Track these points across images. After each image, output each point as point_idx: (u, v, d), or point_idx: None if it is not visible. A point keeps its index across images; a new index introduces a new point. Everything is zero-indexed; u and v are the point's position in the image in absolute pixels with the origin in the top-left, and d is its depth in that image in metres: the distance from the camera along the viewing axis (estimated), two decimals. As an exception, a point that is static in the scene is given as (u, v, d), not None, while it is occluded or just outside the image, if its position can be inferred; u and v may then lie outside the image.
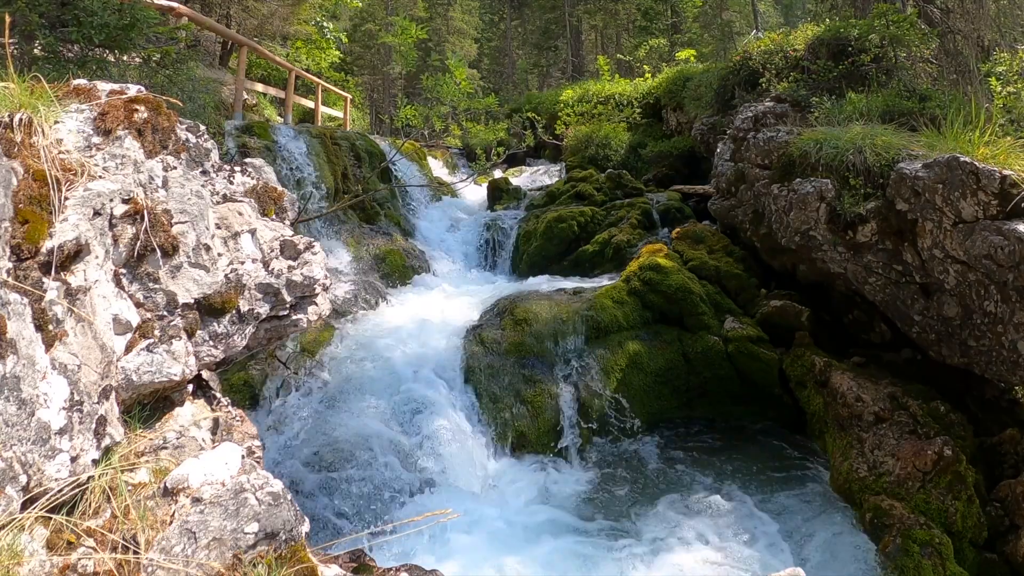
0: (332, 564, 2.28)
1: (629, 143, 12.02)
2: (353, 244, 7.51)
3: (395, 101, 15.23)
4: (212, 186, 2.86)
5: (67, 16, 4.33)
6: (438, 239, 9.09)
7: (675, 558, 3.90)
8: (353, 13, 23.93)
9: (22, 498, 1.65)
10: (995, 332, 4.05)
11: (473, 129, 10.36)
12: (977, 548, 3.83)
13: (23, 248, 1.87)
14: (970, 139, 4.42)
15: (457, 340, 5.64)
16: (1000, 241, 3.84)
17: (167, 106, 2.73)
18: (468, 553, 3.85)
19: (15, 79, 2.20)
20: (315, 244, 3.11)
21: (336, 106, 16.21)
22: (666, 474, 4.88)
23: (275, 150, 7.57)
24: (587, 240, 8.20)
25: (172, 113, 2.75)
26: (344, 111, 15.39)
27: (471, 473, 4.65)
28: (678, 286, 6.01)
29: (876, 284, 4.87)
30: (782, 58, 7.82)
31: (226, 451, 2.07)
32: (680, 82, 12.07)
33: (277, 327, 2.95)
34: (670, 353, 5.73)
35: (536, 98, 17.83)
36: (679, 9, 22.17)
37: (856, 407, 4.62)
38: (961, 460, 4.02)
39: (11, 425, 1.64)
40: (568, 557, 3.90)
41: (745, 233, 6.59)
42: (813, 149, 5.32)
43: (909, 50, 7.04)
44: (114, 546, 1.74)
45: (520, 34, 32.37)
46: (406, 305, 6.68)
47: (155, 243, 2.30)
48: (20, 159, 1.98)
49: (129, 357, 2.20)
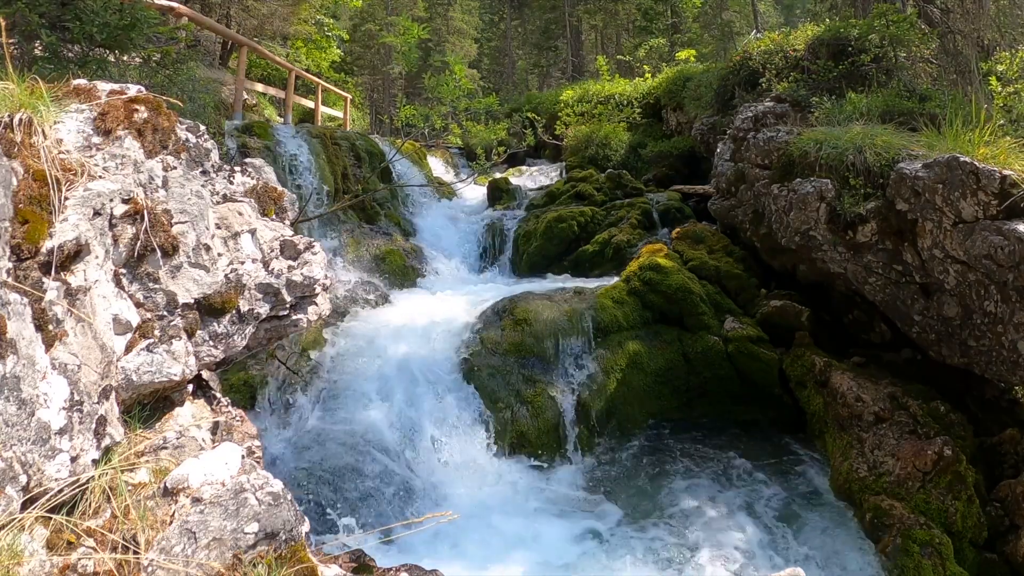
0: (332, 564, 2.28)
1: (629, 143, 12.02)
2: (353, 244, 7.51)
3: (395, 101, 15.23)
4: (212, 186, 2.86)
5: (68, 16, 4.33)
6: (438, 239, 9.08)
7: (675, 558, 3.90)
8: (353, 13, 23.96)
9: (22, 498, 1.65)
10: (995, 332, 4.05)
11: (473, 129, 10.35)
12: (977, 548, 3.83)
13: (23, 248, 1.87)
14: (970, 139, 4.42)
15: (457, 340, 5.64)
16: (1000, 241, 3.84)
17: (167, 106, 2.74)
18: (468, 553, 3.85)
19: (15, 79, 2.20)
20: (315, 244, 3.11)
21: (336, 106, 16.22)
22: (666, 474, 4.87)
23: (275, 150, 7.57)
24: (587, 240, 8.20)
25: (172, 113, 2.75)
26: (344, 111, 15.39)
27: (471, 472, 4.65)
28: (678, 286, 6.01)
29: (876, 284, 4.87)
30: (782, 58, 7.82)
31: (226, 451, 2.07)
32: (680, 82, 12.07)
33: (277, 327, 2.95)
34: (670, 353, 5.73)
35: (536, 98, 17.82)
36: (679, 9, 22.17)
37: (856, 407, 4.62)
38: (961, 460, 4.02)
39: (11, 425, 1.64)
40: (567, 556, 3.90)
41: (745, 233, 6.59)
42: (813, 149, 5.32)
43: (909, 50, 7.04)
44: (114, 546, 1.74)
45: (520, 34, 32.37)
46: (406, 305, 6.68)
47: (155, 243, 2.30)
48: (20, 159, 1.98)
49: (129, 357, 2.20)
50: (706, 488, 4.65)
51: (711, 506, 4.39)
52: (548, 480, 4.76)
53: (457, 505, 4.23)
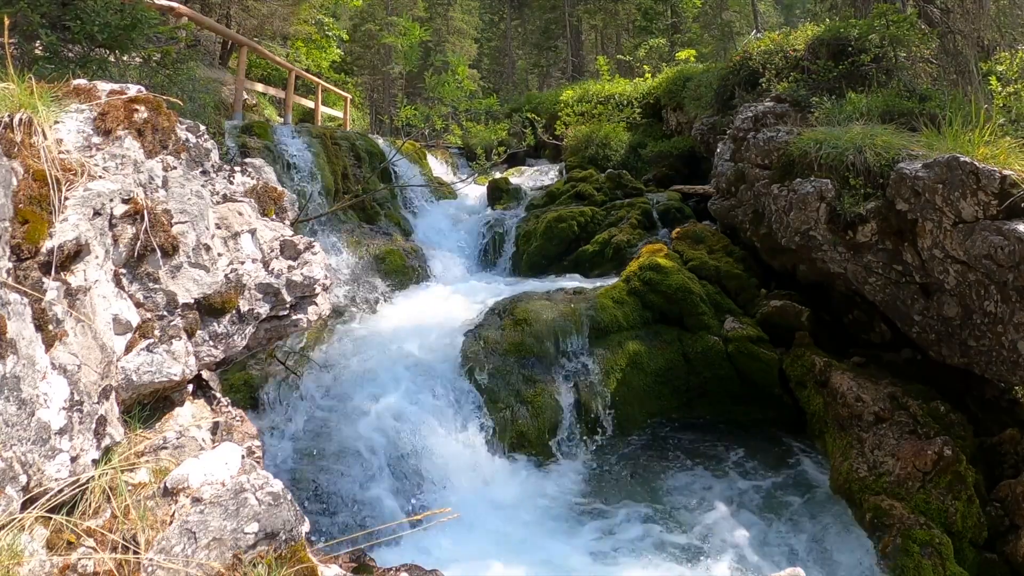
0: (332, 564, 2.28)
1: (629, 143, 12.01)
2: (353, 244, 7.51)
3: (395, 101, 15.23)
4: (212, 186, 2.86)
5: (68, 16, 4.33)
6: (438, 239, 9.08)
7: (674, 558, 3.90)
8: (353, 13, 23.94)
9: (22, 498, 1.65)
10: (995, 332, 4.05)
11: (473, 129, 10.36)
12: (977, 548, 3.83)
13: (23, 248, 1.87)
14: (970, 139, 4.42)
15: (457, 340, 5.64)
16: (1000, 241, 3.84)
17: (167, 106, 2.74)
18: (468, 553, 3.85)
19: (15, 79, 2.20)
20: (315, 244, 3.11)
21: (336, 106, 16.21)
22: (665, 474, 4.88)
23: (275, 150, 7.57)
24: (587, 240, 8.20)
25: (172, 113, 2.75)
26: (344, 111, 15.39)
27: (471, 472, 4.65)
28: (678, 286, 6.01)
29: (876, 284, 4.87)
30: (782, 58, 7.82)
31: (226, 451, 2.07)
32: (680, 82, 12.06)
33: (277, 327, 2.95)
34: (670, 353, 5.73)
35: (536, 98, 17.81)
36: (679, 9, 22.17)
37: (856, 407, 4.62)
38: (961, 460, 4.02)
39: (11, 425, 1.64)
40: (568, 556, 3.90)
41: (745, 233, 6.59)
42: (813, 149, 5.32)
43: (909, 50, 7.03)
44: (114, 546, 1.74)
45: (520, 34, 32.36)
46: (406, 305, 6.68)
47: (155, 243, 2.30)
48: (20, 159, 1.98)
49: (129, 357, 2.20)
50: (706, 488, 4.65)
51: (711, 506, 4.39)
52: (548, 479, 4.76)
53: (457, 505, 4.23)
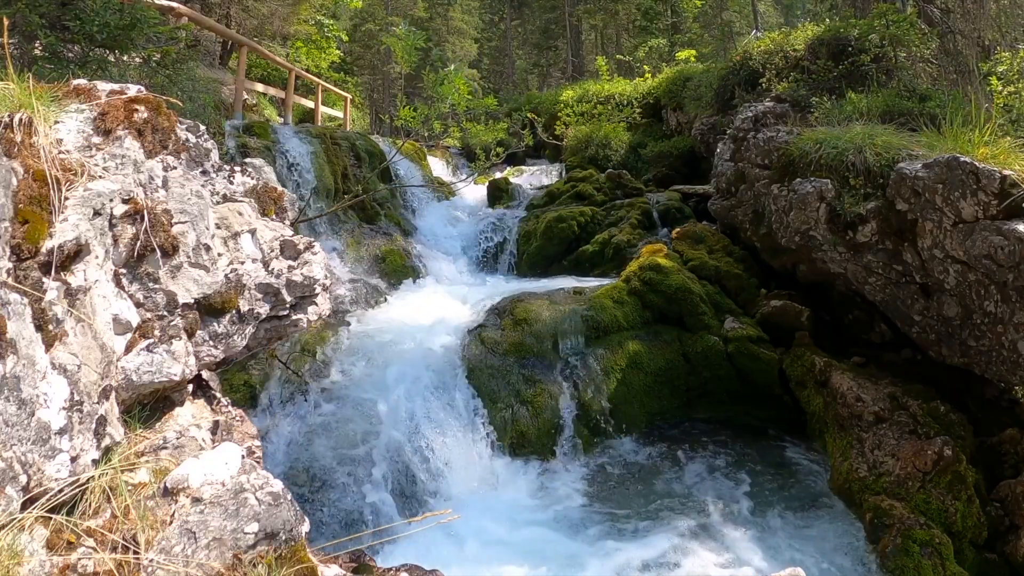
0: (332, 564, 2.28)
1: (629, 143, 12.01)
2: (353, 244, 7.51)
3: (395, 101, 15.21)
4: (212, 186, 2.86)
5: (68, 16, 4.33)
6: (438, 239, 9.09)
7: (674, 558, 3.90)
8: (353, 13, 23.95)
9: (22, 498, 1.65)
10: (995, 332, 4.05)
11: (473, 129, 10.34)
12: (977, 548, 3.83)
13: (23, 248, 1.86)
14: (970, 139, 4.42)
15: (457, 340, 5.64)
16: (1000, 241, 3.84)
17: (167, 106, 2.73)
18: (469, 553, 3.85)
19: (15, 79, 2.19)
20: (315, 244, 3.11)
21: (336, 106, 16.22)
22: (665, 474, 4.88)
23: (275, 150, 7.57)
24: (587, 240, 8.20)
25: (172, 113, 2.75)
26: (344, 111, 15.39)
27: (471, 473, 4.66)
28: (678, 286, 6.01)
29: (876, 284, 4.87)
30: (782, 58, 7.82)
31: (226, 451, 2.07)
32: (680, 82, 12.06)
33: (277, 327, 2.94)
34: (670, 353, 5.73)
35: (536, 98, 17.80)
36: (679, 9, 22.16)
37: (856, 407, 4.62)
38: (961, 460, 4.02)
39: (11, 425, 1.64)
40: (568, 556, 3.90)
41: (745, 233, 6.59)
42: (813, 149, 5.32)
43: (909, 50, 7.03)
44: (114, 546, 1.74)
45: (520, 34, 32.37)
46: (406, 305, 6.68)
47: (155, 243, 2.30)
48: (20, 159, 1.98)
49: (129, 357, 2.19)
50: (706, 487, 4.65)
51: (711, 505, 4.39)
52: (548, 479, 4.76)
53: (457, 505, 4.23)
